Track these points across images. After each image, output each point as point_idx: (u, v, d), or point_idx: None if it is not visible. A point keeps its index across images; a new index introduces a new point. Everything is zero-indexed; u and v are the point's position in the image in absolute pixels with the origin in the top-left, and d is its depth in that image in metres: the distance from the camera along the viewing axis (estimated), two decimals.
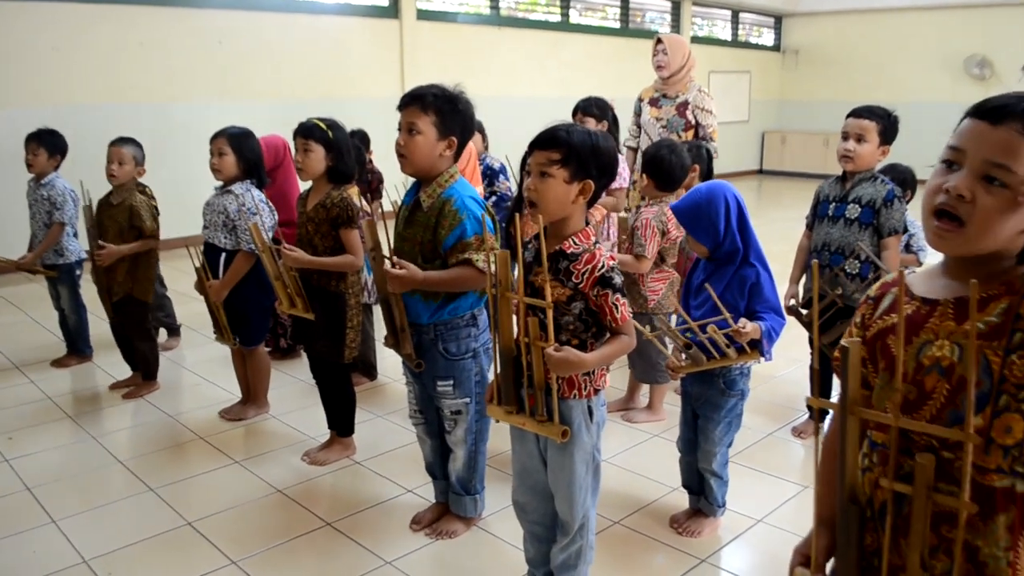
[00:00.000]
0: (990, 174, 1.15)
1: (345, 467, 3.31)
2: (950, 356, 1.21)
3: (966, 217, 1.17)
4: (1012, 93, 1.19)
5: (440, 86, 2.52)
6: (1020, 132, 1.14)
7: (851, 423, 1.25)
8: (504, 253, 1.96)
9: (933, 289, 1.28)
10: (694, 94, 4.72)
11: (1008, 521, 1.19)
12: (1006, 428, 1.17)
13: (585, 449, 2.08)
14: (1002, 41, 12.42)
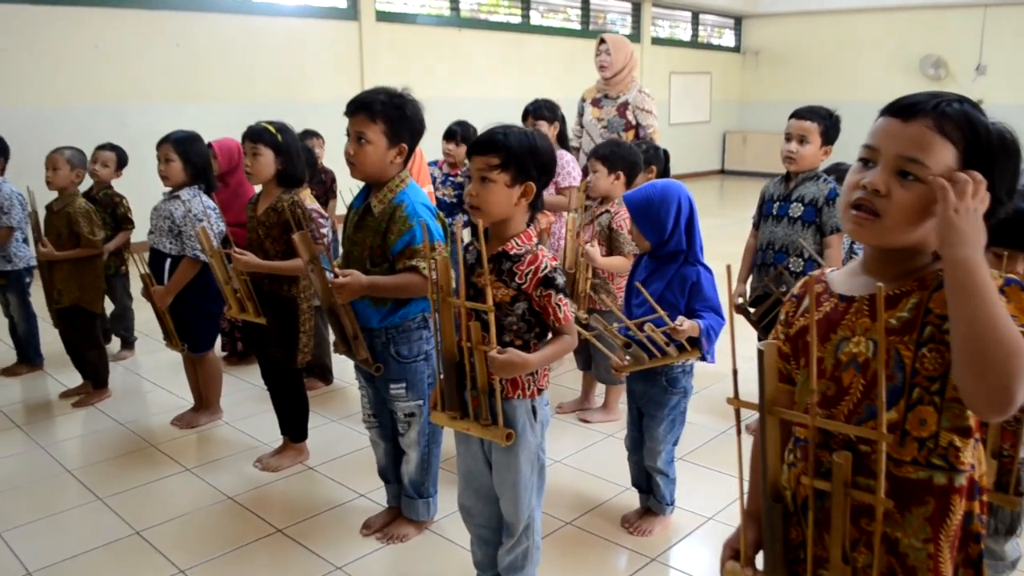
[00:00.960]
0: (904, 169, 1.18)
1: (298, 473, 3.29)
2: (865, 352, 1.24)
3: (882, 211, 1.20)
4: (923, 92, 1.22)
5: (387, 91, 2.51)
6: (931, 127, 1.17)
7: (770, 423, 1.27)
8: (444, 259, 1.97)
9: (851, 286, 1.31)
10: (634, 94, 4.76)
11: (927, 512, 1.21)
12: (920, 421, 1.20)
13: (530, 449, 2.09)
14: (956, 42, 12.67)
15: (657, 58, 13.22)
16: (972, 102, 1.21)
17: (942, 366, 1.17)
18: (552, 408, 3.79)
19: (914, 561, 1.22)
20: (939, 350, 1.17)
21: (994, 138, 1.18)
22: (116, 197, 4.44)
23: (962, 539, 1.26)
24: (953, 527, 1.22)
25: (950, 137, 1.16)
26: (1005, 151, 1.19)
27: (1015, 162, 1.21)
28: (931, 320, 1.18)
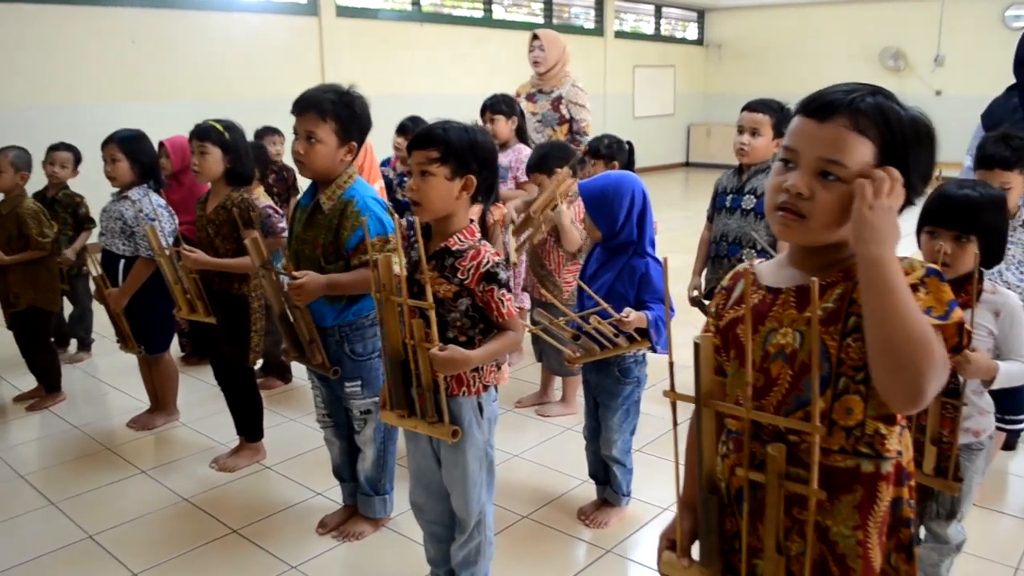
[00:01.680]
0: (824, 170, 1.19)
1: (254, 472, 3.26)
2: (793, 343, 1.25)
3: (807, 212, 1.21)
4: (838, 86, 1.23)
5: (335, 88, 2.50)
6: (847, 127, 1.18)
7: (706, 415, 1.29)
8: (386, 257, 1.96)
9: (778, 279, 1.32)
10: (567, 89, 4.78)
11: (855, 500, 1.23)
12: (847, 410, 1.22)
13: (477, 446, 2.09)
14: (915, 34, 12.83)
15: (621, 52, 13.26)
16: (886, 93, 1.22)
17: (867, 356, 1.19)
18: (511, 403, 3.84)
19: (843, 548, 1.24)
20: (864, 340, 1.18)
21: (908, 128, 1.19)
22: (76, 197, 4.38)
23: (892, 525, 1.28)
24: (880, 513, 1.24)
25: (867, 134, 1.17)
26: (918, 139, 1.20)
27: (929, 148, 1.22)
28: (855, 311, 1.20)
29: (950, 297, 1.19)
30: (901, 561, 1.30)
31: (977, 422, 2.09)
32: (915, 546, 1.30)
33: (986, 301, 2.03)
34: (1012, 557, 2.63)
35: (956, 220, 1.98)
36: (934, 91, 12.84)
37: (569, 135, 4.78)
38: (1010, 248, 2.67)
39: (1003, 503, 2.97)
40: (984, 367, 1.92)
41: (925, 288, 1.18)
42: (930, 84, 12.90)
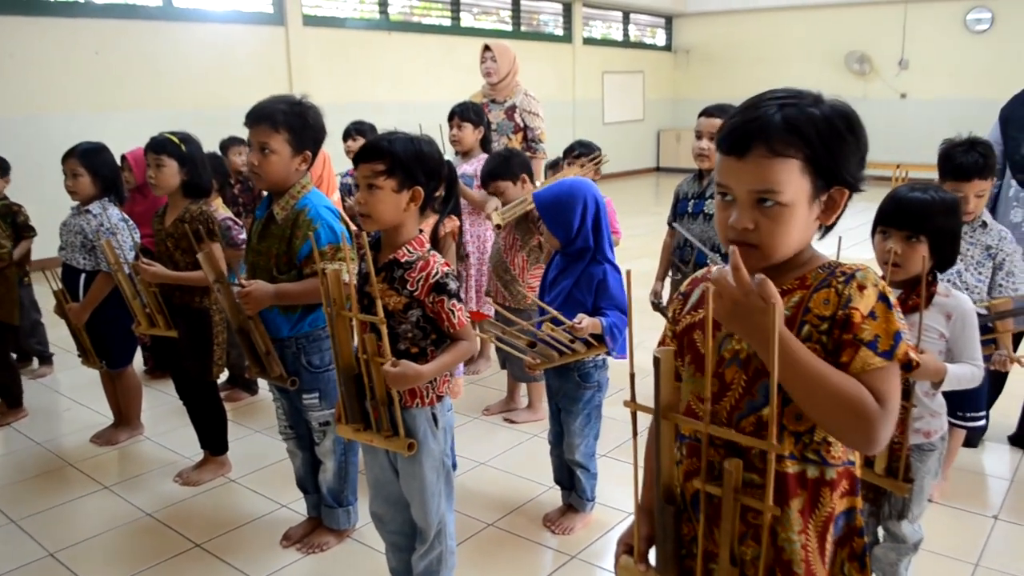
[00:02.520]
0: (761, 198, 1.20)
1: (219, 486, 3.24)
2: (747, 348, 1.26)
3: (757, 242, 1.22)
4: (746, 110, 1.22)
5: (288, 99, 2.51)
6: (766, 155, 1.18)
7: (665, 427, 1.29)
8: (335, 271, 1.96)
9: None
10: (521, 98, 4.82)
11: (800, 505, 1.24)
12: (796, 416, 1.22)
13: (434, 456, 2.09)
14: (879, 37, 13.00)
15: (590, 58, 13.33)
16: (793, 98, 1.21)
17: None
18: (479, 411, 3.84)
19: (789, 554, 1.25)
20: (815, 349, 1.19)
21: (825, 128, 1.18)
22: (14, 206, 4.32)
23: (845, 534, 1.30)
24: (822, 519, 1.25)
25: (787, 154, 1.17)
26: (839, 134, 1.20)
27: (854, 135, 1.22)
28: (810, 319, 1.21)
29: (897, 327, 1.20)
30: (854, 570, 1.31)
31: (928, 423, 2.12)
32: (868, 554, 1.32)
33: (938, 304, 2.06)
34: (972, 554, 2.66)
35: (907, 221, 2.02)
36: (899, 94, 13.02)
37: (524, 143, 4.82)
38: (970, 249, 2.71)
39: (964, 500, 3.00)
40: (933, 369, 1.95)
41: (874, 316, 1.19)
42: (895, 87, 13.07)
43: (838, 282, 1.21)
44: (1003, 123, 3.23)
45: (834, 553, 1.30)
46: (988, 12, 11.98)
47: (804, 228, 1.23)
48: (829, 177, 1.21)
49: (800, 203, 1.20)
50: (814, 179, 1.20)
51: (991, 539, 2.76)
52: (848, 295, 1.19)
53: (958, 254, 2.11)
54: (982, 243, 2.71)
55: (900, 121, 12.17)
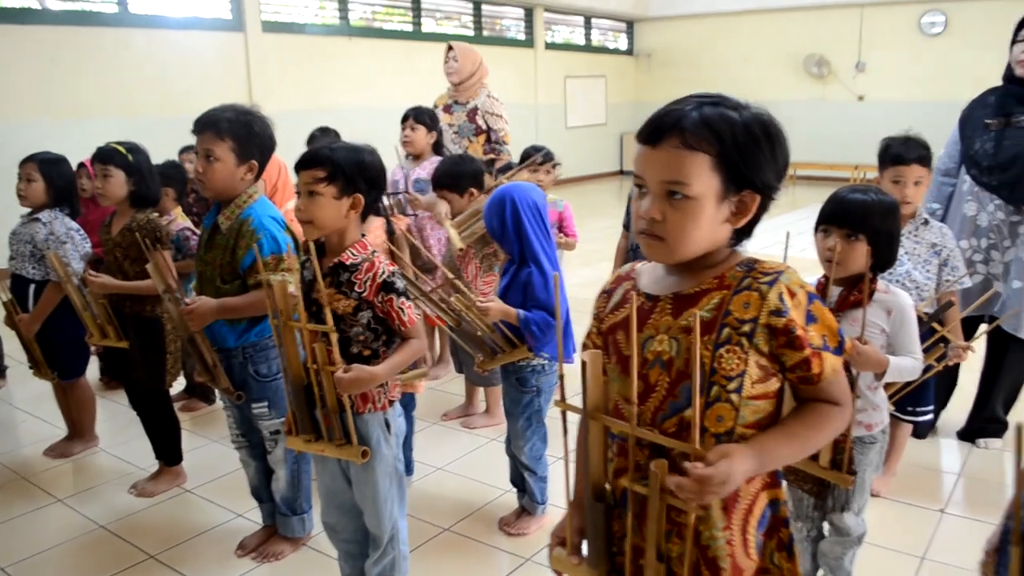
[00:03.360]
0: (670, 190, 1.23)
1: (174, 496, 3.21)
2: (669, 351, 1.28)
3: (663, 234, 1.24)
4: (669, 106, 1.25)
5: (235, 107, 2.50)
6: (678, 146, 1.21)
7: (594, 428, 1.32)
8: (280, 282, 1.96)
9: (656, 285, 1.35)
10: (483, 100, 4.83)
11: (721, 503, 1.27)
12: (718, 417, 1.25)
13: (387, 462, 2.10)
14: (837, 41, 13.19)
15: (552, 62, 13.38)
16: (718, 100, 1.25)
17: (739, 366, 1.23)
18: (437, 416, 3.84)
19: (714, 551, 1.28)
20: (735, 351, 1.22)
21: (742, 132, 1.22)
22: None
23: (772, 526, 1.33)
24: (743, 512, 1.29)
25: (699, 148, 1.20)
26: (755, 141, 1.23)
27: (772, 145, 1.25)
28: (730, 322, 1.23)
29: (835, 323, 1.27)
30: (783, 560, 1.34)
31: (870, 416, 2.17)
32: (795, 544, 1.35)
33: (879, 300, 2.11)
34: (919, 547, 2.72)
35: (846, 220, 2.07)
36: (856, 96, 13.22)
37: (487, 145, 4.83)
38: (916, 247, 2.78)
39: (912, 495, 3.06)
40: (874, 360, 2.00)
41: (815, 320, 1.24)
42: (853, 90, 13.27)
43: (759, 283, 1.23)
44: (962, 124, 3.35)
45: (763, 544, 1.33)
46: (942, 15, 12.21)
47: (712, 227, 1.25)
48: (740, 179, 1.23)
49: (708, 200, 1.22)
50: (724, 178, 1.22)
51: (938, 533, 2.82)
52: (778, 303, 1.21)
53: (896, 254, 2.17)
54: (927, 240, 2.78)
55: (858, 123, 12.36)
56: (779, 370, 1.26)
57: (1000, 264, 3.26)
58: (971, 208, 3.26)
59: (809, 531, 2.31)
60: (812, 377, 1.24)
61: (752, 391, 1.24)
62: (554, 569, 1.44)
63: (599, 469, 1.36)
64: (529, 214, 2.60)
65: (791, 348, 1.22)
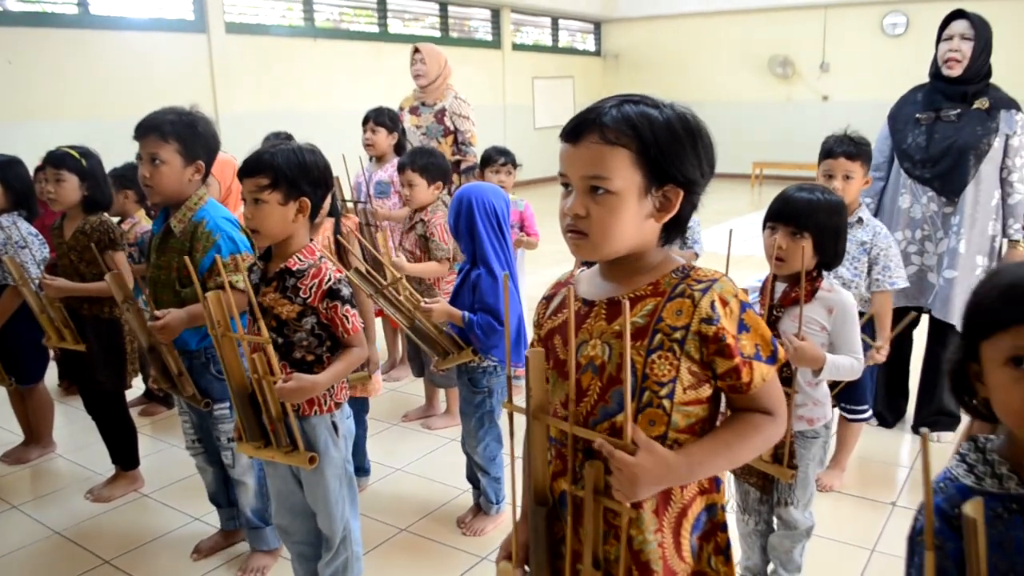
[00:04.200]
0: (592, 186, 1.24)
1: (131, 501, 3.20)
2: (601, 355, 1.29)
3: (587, 229, 1.25)
4: (592, 105, 1.28)
5: (176, 109, 2.48)
6: (598, 142, 1.23)
7: (536, 428, 1.32)
8: (216, 293, 1.96)
9: (592, 290, 1.36)
10: (450, 101, 4.85)
11: (653, 506, 1.29)
12: (650, 422, 1.26)
13: (336, 464, 2.11)
14: (801, 42, 13.34)
15: (519, 63, 13.41)
16: (637, 99, 1.27)
17: (671, 372, 1.24)
18: (398, 417, 3.85)
19: (647, 554, 1.29)
20: (667, 357, 1.24)
21: (662, 130, 1.23)
22: None
23: (709, 530, 1.35)
24: (675, 515, 1.30)
25: (619, 143, 1.22)
26: (677, 139, 1.24)
27: (695, 141, 1.27)
28: (662, 328, 1.24)
29: (768, 332, 1.28)
30: (720, 563, 1.36)
31: (811, 411, 2.21)
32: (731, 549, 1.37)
33: (821, 298, 2.15)
34: (869, 540, 2.77)
35: (792, 218, 2.11)
36: (821, 96, 13.37)
37: (454, 146, 4.84)
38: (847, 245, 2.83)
39: (864, 488, 3.12)
40: (811, 355, 2.03)
41: (747, 329, 1.25)
42: (817, 90, 13.42)
43: (693, 290, 1.25)
44: (892, 120, 3.46)
45: (700, 548, 1.35)
46: (903, 16, 12.38)
47: (636, 223, 1.26)
48: (662, 174, 1.24)
49: (630, 194, 1.23)
50: (646, 173, 1.23)
51: (888, 525, 2.87)
52: (709, 310, 1.22)
53: (843, 252, 2.21)
54: (857, 239, 2.84)
55: (823, 123, 12.19)
56: (711, 377, 1.27)
57: (934, 255, 3.35)
58: (905, 201, 3.35)
59: (757, 524, 2.35)
60: (742, 386, 1.25)
61: (684, 397, 1.25)
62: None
63: (542, 472, 1.36)
64: (484, 216, 2.62)
65: (721, 356, 1.23)
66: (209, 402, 2.54)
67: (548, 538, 1.36)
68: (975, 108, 3.24)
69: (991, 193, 3.27)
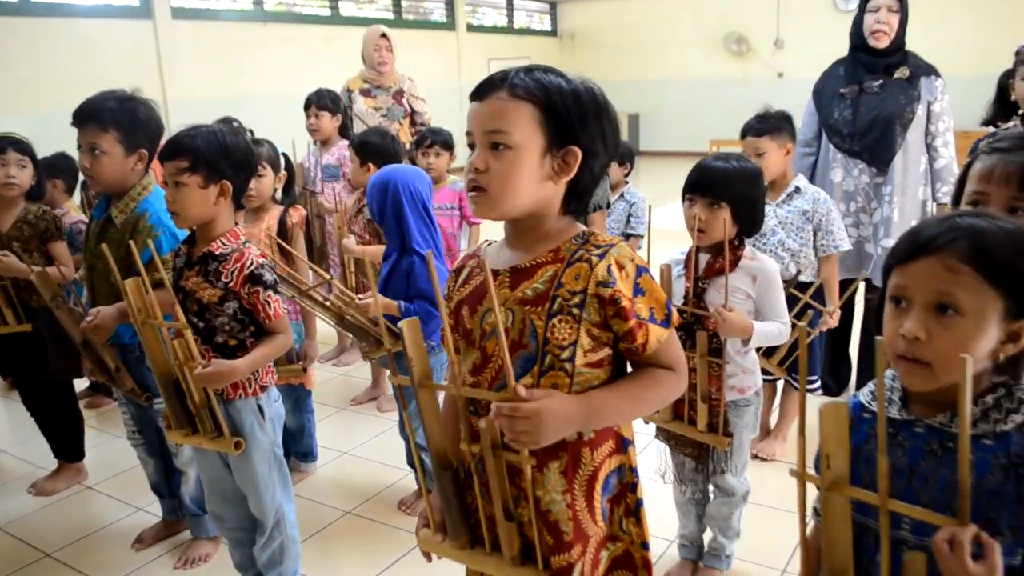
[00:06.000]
0: (493, 142, 1.26)
1: (75, 494, 3.16)
2: (505, 322, 1.31)
3: (485, 184, 1.27)
4: (501, 71, 1.30)
5: (116, 95, 2.40)
6: (503, 98, 1.25)
7: (424, 396, 1.34)
8: (135, 280, 1.92)
9: (497, 260, 1.38)
10: (407, 83, 4.87)
11: (561, 467, 1.31)
12: (552, 385, 1.29)
13: (263, 448, 2.10)
14: (755, 18, 13.42)
15: (474, 45, 13.34)
16: (547, 68, 1.30)
17: (571, 336, 1.27)
18: (347, 402, 3.84)
19: (556, 515, 1.31)
20: (567, 321, 1.26)
21: (570, 97, 1.26)
22: None
23: (620, 492, 1.37)
24: (586, 477, 1.32)
25: (525, 99, 1.25)
26: (583, 109, 1.27)
27: (599, 113, 1.29)
28: (561, 294, 1.27)
29: (663, 296, 1.31)
30: (631, 524, 1.39)
31: (741, 380, 2.23)
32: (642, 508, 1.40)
33: (744, 267, 2.17)
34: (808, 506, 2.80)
35: (709, 188, 2.13)
36: (776, 73, 13.46)
37: (412, 127, 4.82)
38: (788, 216, 2.89)
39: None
40: (739, 326, 2.05)
41: (643, 292, 1.27)
42: (772, 67, 13.51)
43: (591, 255, 1.27)
44: (816, 96, 3.50)
45: (611, 511, 1.37)
46: None
47: (534, 181, 1.27)
48: (563, 138, 1.26)
49: (530, 151, 1.25)
50: (548, 135, 1.26)
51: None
52: (605, 273, 1.25)
53: (761, 220, 2.23)
54: (798, 208, 2.88)
55: (778, 100, 12.12)
56: (611, 340, 1.30)
57: (870, 226, 3.40)
58: (837, 175, 3.40)
59: (693, 494, 2.38)
60: (637, 348, 1.28)
61: (584, 360, 1.28)
62: (423, 550, 1.47)
63: (440, 438, 1.38)
64: (411, 201, 2.58)
65: (618, 318, 1.26)
66: (150, 395, 2.50)
67: (459, 500, 1.38)
68: (896, 78, 3.31)
69: (918, 159, 3.35)
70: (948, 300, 1.04)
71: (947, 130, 3.36)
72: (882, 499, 0.93)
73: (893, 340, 1.09)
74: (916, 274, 1.07)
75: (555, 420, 1.21)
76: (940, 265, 1.04)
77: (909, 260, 1.08)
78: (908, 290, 1.08)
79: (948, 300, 1.04)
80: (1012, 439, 1.04)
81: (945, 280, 1.04)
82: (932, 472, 1.08)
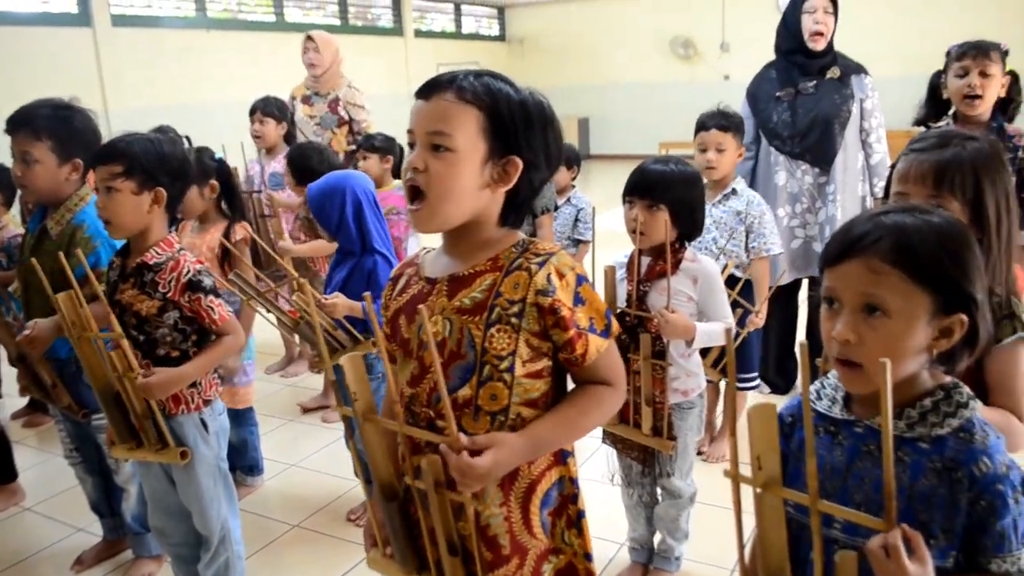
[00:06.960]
0: (434, 143, 1.23)
1: (10, 516, 3.06)
2: (442, 331, 1.29)
3: (424, 185, 1.24)
4: (448, 73, 1.27)
5: (52, 103, 2.34)
6: (449, 99, 1.23)
7: (368, 429, 1.31)
8: (67, 294, 1.87)
9: (435, 269, 1.36)
10: (344, 90, 4.79)
11: (497, 480, 1.29)
12: (491, 396, 1.27)
13: (208, 462, 2.06)
14: (701, 22, 13.57)
15: (422, 50, 13.29)
16: (497, 75, 1.28)
17: (510, 345, 1.25)
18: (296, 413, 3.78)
19: (495, 529, 1.30)
20: (506, 331, 1.24)
21: (516, 107, 1.25)
22: None
23: (560, 504, 1.36)
24: (523, 490, 1.31)
25: (470, 103, 1.23)
26: (529, 120, 1.26)
27: (545, 125, 1.28)
28: (500, 303, 1.25)
29: (603, 306, 1.29)
30: (573, 536, 1.38)
31: (685, 383, 2.24)
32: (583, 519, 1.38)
33: (685, 269, 2.18)
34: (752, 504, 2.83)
35: (648, 191, 2.13)
36: (723, 76, 13.60)
37: (350, 135, 4.76)
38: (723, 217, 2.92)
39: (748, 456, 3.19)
40: (682, 327, 2.06)
41: (583, 302, 1.26)
42: (718, 70, 13.66)
43: (530, 263, 1.25)
44: (751, 99, 3.53)
45: (552, 524, 1.36)
46: None
47: (472, 187, 1.25)
48: (505, 147, 1.25)
49: (470, 156, 1.23)
50: (491, 143, 1.24)
51: None
52: (545, 282, 1.23)
53: (701, 223, 2.24)
54: (733, 209, 2.91)
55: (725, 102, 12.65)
56: (551, 350, 1.29)
57: (816, 225, 3.46)
58: (781, 178, 3.45)
59: (641, 496, 2.39)
60: (577, 358, 1.27)
61: (523, 370, 1.27)
62: (372, 568, 1.44)
63: (385, 470, 1.35)
64: (369, 202, 2.58)
65: (558, 328, 1.25)
66: (87, 412, 2.43)
67: (405, 528, 1.35)
68: (829, 78, 3.40)
69: (856, 157, 3.44)
70: (874, 301, 1.05)
71: (879, 126, 3.46)
72: (812, 499, 0.94)
73: (829, 342, 1.10)
74: (844, 276, 1.08)
75: (503, 468, 1.22)
76: (865, 267, 1.05)
77: (837, 262, 1.09)
78: (838, 292, 1.09)
79: (874, 301, 1.05)
80: (947, 443, 1.05)
81: (870, 282, 1.05)
82: (868, 472, 1.10)
